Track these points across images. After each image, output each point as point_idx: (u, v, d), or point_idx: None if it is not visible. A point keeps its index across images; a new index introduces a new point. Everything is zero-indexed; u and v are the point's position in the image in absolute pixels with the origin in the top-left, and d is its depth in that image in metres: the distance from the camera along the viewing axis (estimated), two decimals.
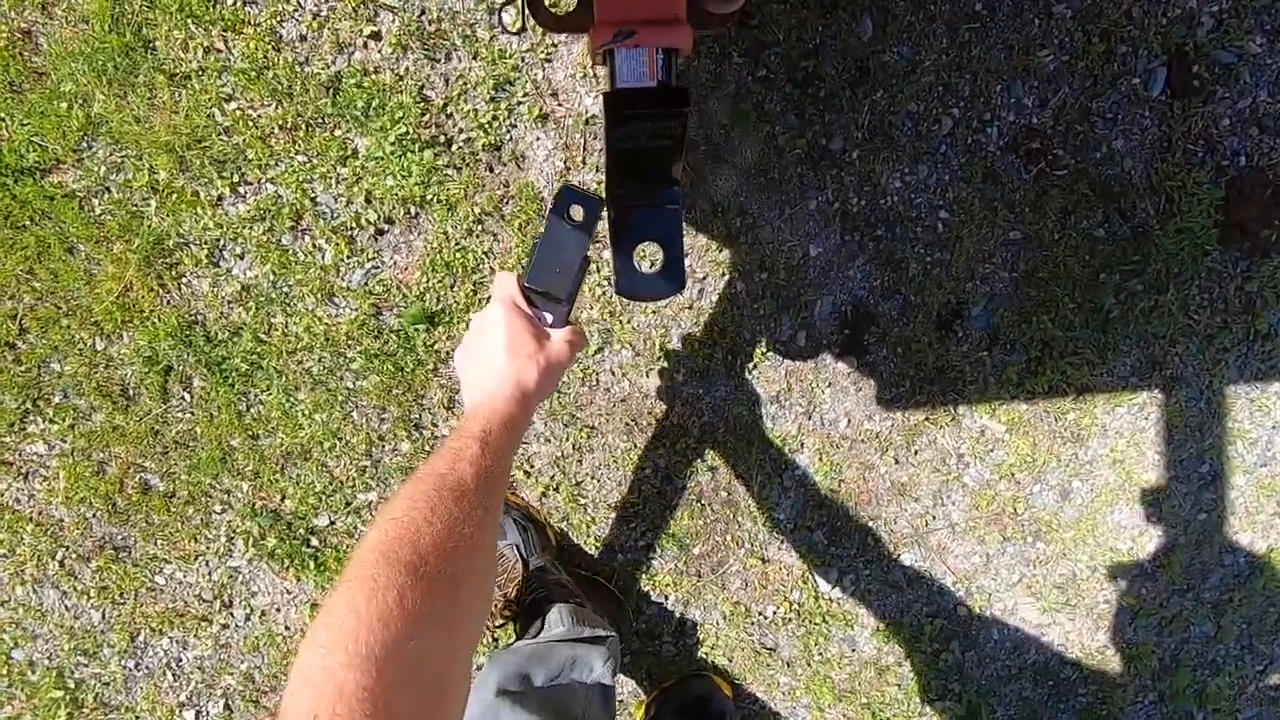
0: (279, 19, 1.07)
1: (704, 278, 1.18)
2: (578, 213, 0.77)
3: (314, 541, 1.28)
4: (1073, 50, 1.09)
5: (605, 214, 0.80)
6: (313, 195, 1.13)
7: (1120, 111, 1.11)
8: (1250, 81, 1.10)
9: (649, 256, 0.99)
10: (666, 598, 1.32)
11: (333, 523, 1.27)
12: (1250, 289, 1.18)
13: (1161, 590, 1.32)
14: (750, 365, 1.22)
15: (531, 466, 1.25)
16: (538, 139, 1.12)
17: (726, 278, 1.18)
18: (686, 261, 1.16)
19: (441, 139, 1.11)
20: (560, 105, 1.11)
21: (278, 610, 1.32)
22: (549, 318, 0.80)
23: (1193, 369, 1.21)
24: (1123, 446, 1.25)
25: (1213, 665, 1.36)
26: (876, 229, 1.16)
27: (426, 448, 1.24)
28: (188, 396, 1.22)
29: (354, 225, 1.14)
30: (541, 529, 1.22)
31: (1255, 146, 1.12)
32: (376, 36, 1.08)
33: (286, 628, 1.32)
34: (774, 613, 1.33)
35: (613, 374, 1.22)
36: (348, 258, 1.15)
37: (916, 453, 1.26)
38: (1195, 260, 1.16)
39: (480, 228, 1.14)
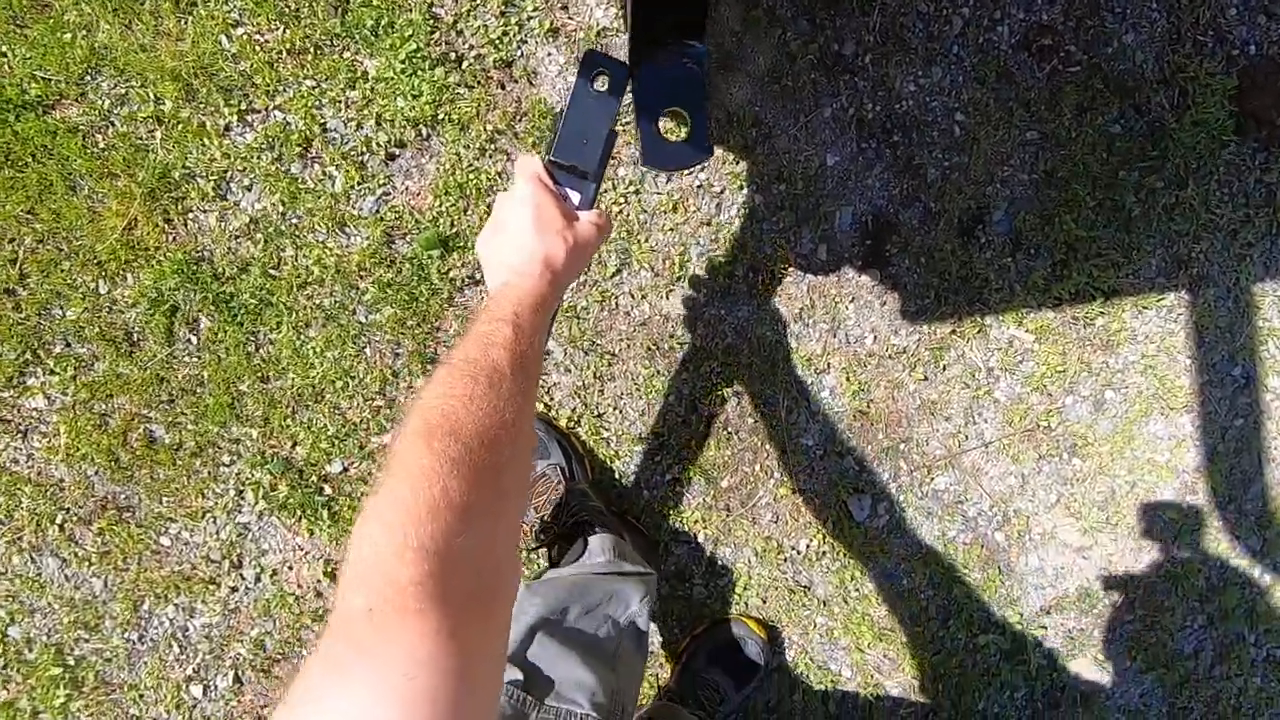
0: None
1: (721, 191, 1.16)
2: (603, 81, 0.75)
3: (327, 490, 1.23)
4: None
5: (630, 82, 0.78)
6: (322, 121, 1.12)
7: (1129, 5, 1.12)
8: None
9: (674, 131, 0.97)
10: (696, 536, 1.27)
11: (346, 469, 1.23)
12: (1270, 180, 1.17)
13: (1203, 503, 1.28)
14: (772, 282, 1.19)
15: (552, 399, 1.21)
16: (549, 54, 1.11)
17: (744, 191, 1.16)
18: (704, 174, 1.15)
19: (452, 56, 1.10)
20: (571, 19, 1.10)
21: (290, 568, 1.26)
22: (575, 198, 0.77)
23: (1218, 266, 1.20)
24: (1153, 352, 1.23)
25: (1261, 582, 1.32)
26: (893, 135, 1.15)
27: None
28: (194, 339, 1.18)
29: (364, 150, 1.12)
30: (582, 460, 1.18)
31: (1264, 35, 1.13)
32: None
33: (299, 586, 1.26)
34: (807, 547, 1.28)
35: (632, 296, 1.19)
36: (358, 184, 1.13)
37: (945, 368, 1.23)
38: (1213, 153, 1.16)
39: (493, 147, 1.13)
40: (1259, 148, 1.16)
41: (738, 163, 1.15)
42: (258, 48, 1.09)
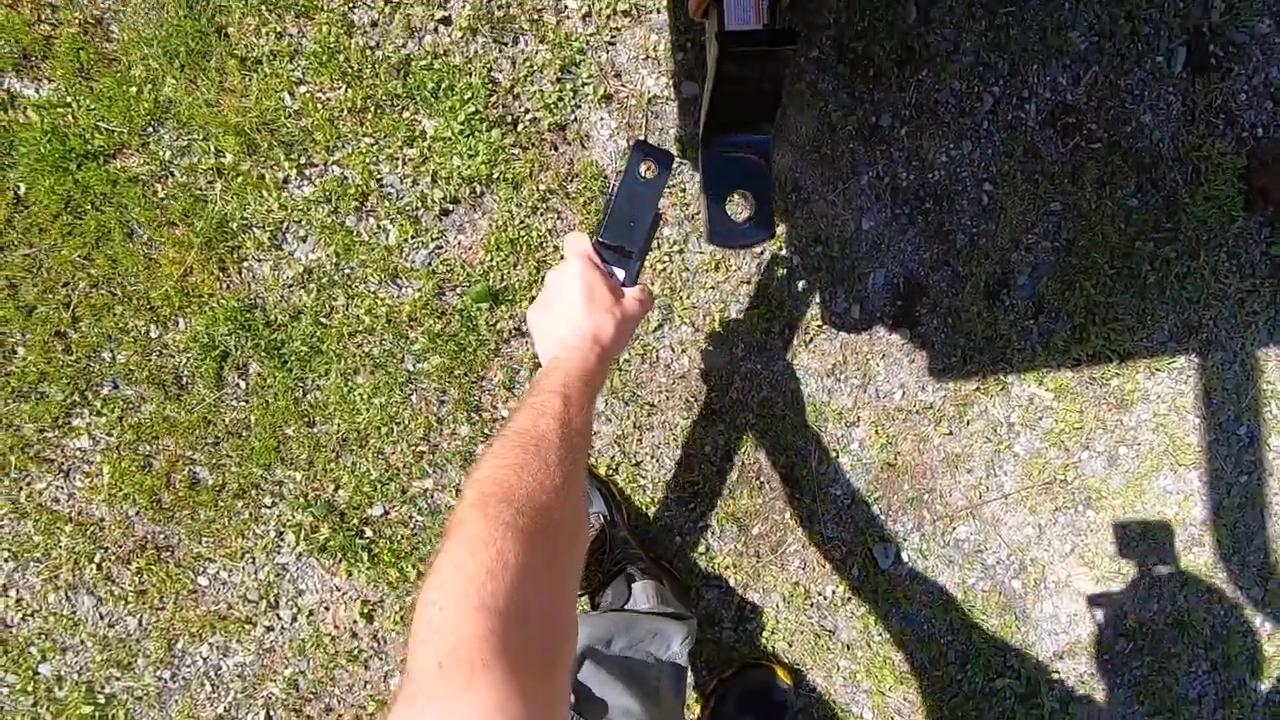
0: (351, 4, 1.11)
1: (761, 252, 1.21)
2: (650, 169, 0.79)
3: (368, 532, 1.25)
4: (1100, 31, 1.17)
5: (697, 164, 0.83)
6: (379, 176, 1.15)
7: (1147, 88, 1.19)
8: (1262, 59, 1.19)
9: (737, 207, 1.02)
10: (725, 581, 1.31)
11: (387, 512, 1.25)
12: (1275, 253, 1.24)
13: (1209, 555, 1.35)
14: (807, 339, 1.24)
15: (592, 447, 1.25)
16: (601, 119, 1.16)
17: (783, 252, 1.21)
18: None
19: (508, 119, 1.14)
20: (624, 86, 1.15)
21: (326, 609, 1.28)
22: (620, 274, 0.81)
23: (1226, 332, 1.27)
24: (1164, 411, 1.29)
25: (1262, 631, 1.38)
26: (925, 202, 1.21)
27: (486, 430, 1.23)
28: (243, 384, 1.20)
29: (419, 205, 1.16)
30: (620, 506, 1.22)
31: (1271, 118, 1.20)
32: (447, 21, 1.12)
33: (335, 627, 1.28)
34: (833, 593, 1.32)
35: (672, 350, 1.23)
36: (412, 238, 1.17)
37: (969, 423, 1.29)
38: (1223, 227, 1.23)
39: (545, 206, 1.17)
40: (1265, 223, 1.23)
41: (778, 225, 1.20)
42: (319, 105, 1.13)
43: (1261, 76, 1.19)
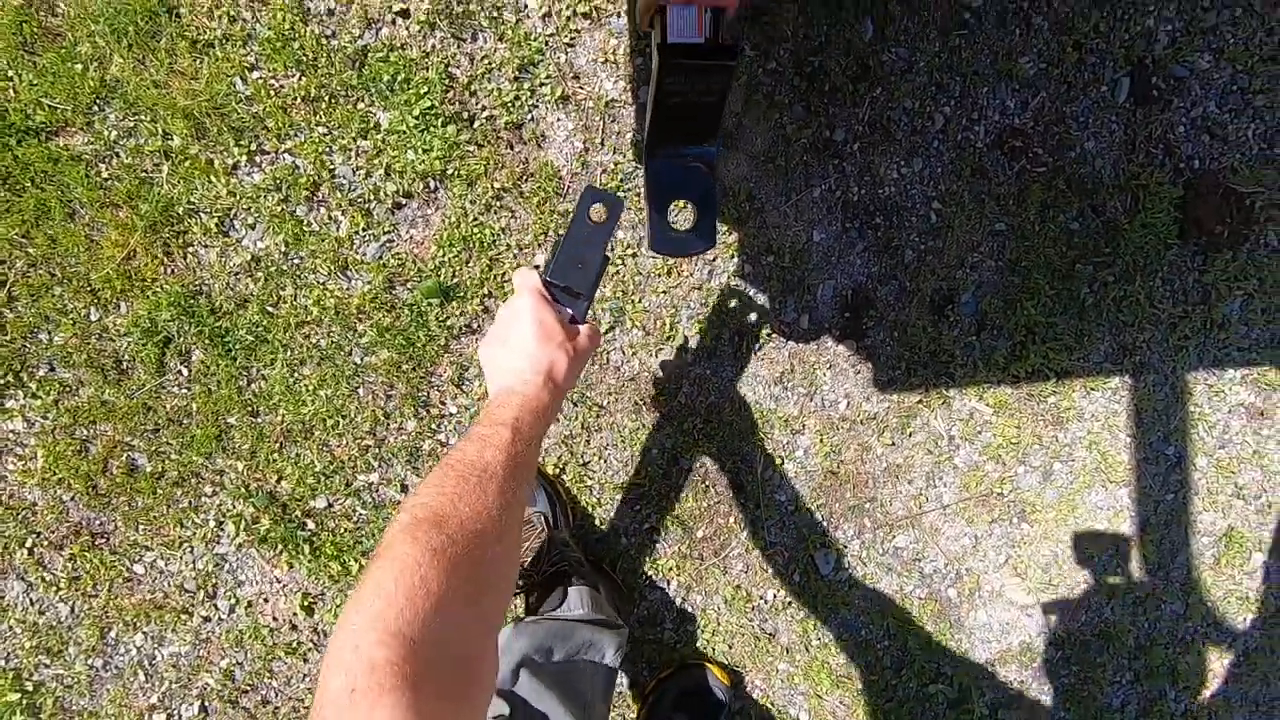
0: None
1: (713, 259, 1.22)
2: (599, 212, 0.81)
3: (310, 525, 1.24)
4: (1049, 58, 1.20)
5: (642, 177, 0.84)
6: (331, 167, 1.14)
7: (1091, 116, 1.22)
8: (1200, 93, 1.23)
9: (681, 217, 1.03)
10: (669, 582, 1.32)
11: (331, 505, 1.24)
12: (1206, 281, 1.29)
13: (1135, 569, 1.39)
14: (756, 347, 1.26)
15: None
16: (559, 120, 1.16)
17: (735, 260, 1.22)
18: None
19: (464, 115, 1.14)
20: (582, 88, 1.15)
21: (265, 601, 1.27)
22: (569, 313, 0.82)
23: (1158, 355, 1.31)
24: (1098, 429, 1.34)
25: (1183, 643, 1.43)
26: (875, 217, 1.23)
27: (433, 426, 1.23)
28: (185, 370, 1.18)
29: (371, 198, 1.15)
30: (565, 506, 1.22)
31: (1207, 151, 1.25)
32: (405, 14, 1.11)
33: (274, 619, 1.27)
34: (774, 596, 1.34)
35: (623, 353, 1.24)
36: (363, 230, 1.16)
37: (910, 434, 1.31)
38: (1158, 254, 1.27)
39: (499, 204, 1.17)
40: (1198, 251, 1.28)
41: (730, 234, 1.22)
42: (272, 92, 1.11)
43: (1200, 110, 1.24)
